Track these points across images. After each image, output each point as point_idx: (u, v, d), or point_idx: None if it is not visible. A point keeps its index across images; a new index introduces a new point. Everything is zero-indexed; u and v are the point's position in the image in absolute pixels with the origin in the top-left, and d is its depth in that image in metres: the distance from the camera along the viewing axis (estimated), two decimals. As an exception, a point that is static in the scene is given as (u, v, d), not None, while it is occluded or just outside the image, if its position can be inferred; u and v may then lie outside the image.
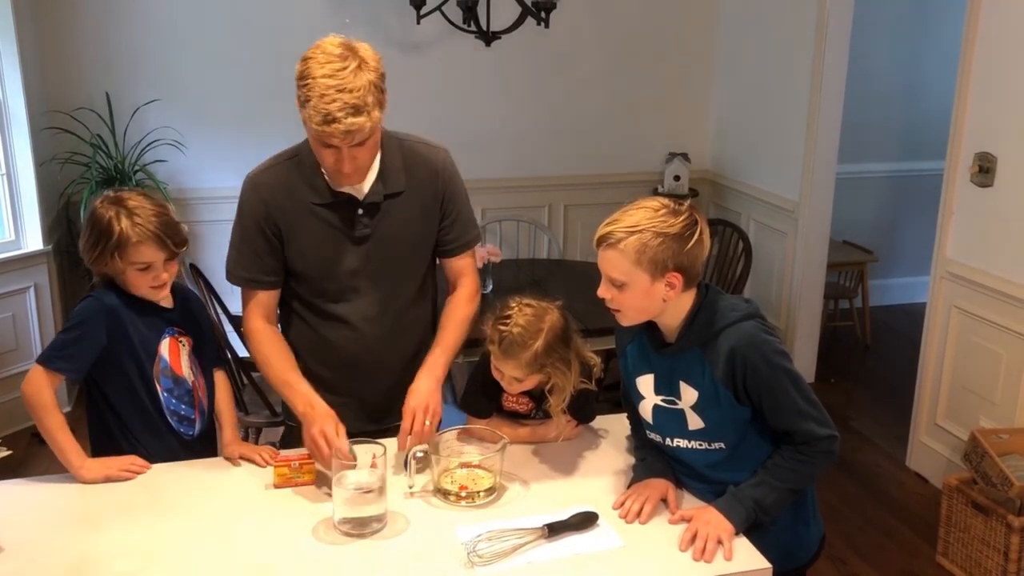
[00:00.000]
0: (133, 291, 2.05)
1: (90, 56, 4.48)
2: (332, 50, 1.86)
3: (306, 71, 1.85)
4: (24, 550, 1.71)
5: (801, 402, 1.79)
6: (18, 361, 4.14)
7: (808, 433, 1.79)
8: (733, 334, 1.78)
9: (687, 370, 1.84)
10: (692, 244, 1.76)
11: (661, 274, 1.75)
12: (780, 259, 4.89)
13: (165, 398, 2.09)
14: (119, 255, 1.98)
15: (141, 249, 1.99)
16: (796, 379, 1.80)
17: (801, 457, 1.81)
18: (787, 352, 1.83)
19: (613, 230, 1.76)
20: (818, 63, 4.43)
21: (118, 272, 2.02)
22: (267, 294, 2.11)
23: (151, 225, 1.99)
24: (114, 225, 1.98)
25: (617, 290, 1.79)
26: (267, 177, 2.06)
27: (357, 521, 1.77)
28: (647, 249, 1.73)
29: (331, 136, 1.84)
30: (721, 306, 1.82)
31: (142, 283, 2.04)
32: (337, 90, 1.81)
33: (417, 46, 4.80)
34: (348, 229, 2.07)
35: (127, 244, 1.98)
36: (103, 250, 1.99)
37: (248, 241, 2.08)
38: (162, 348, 2.09)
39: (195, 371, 2.16)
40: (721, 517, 1.78)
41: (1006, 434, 3.18)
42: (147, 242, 1.99)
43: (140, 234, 1.98)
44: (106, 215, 1.99)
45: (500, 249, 3.95)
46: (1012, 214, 3.34)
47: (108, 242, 1.98)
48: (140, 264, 2.00)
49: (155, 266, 2.02)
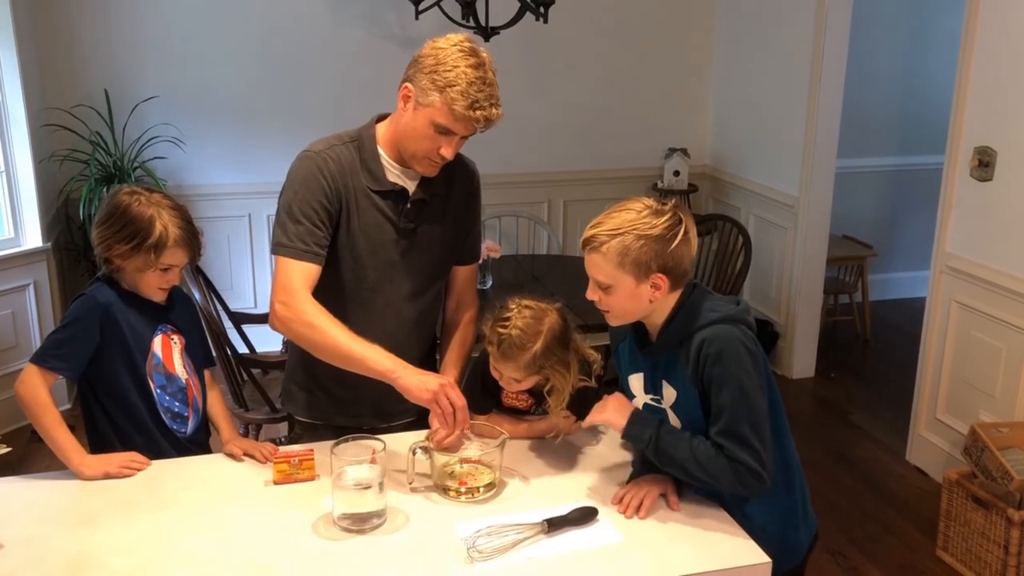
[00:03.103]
0: (141, 289, 2.04)
1: (89, 53, 4.47)
2: (466, 45, 1.96)
3: (445, 58, 1.93)
4: (23, 547, 1.71)
5: (742, 427, 1.73)
6: (18, 358, 4.14)
7: (732, 453, 1.74)
8: (706, 333, 1.76)
9: (667, 370, 1.84)
10: (676, 244, 1.75)
11: (645, 276, 1.75)
12: (780, 254, 4.89)
13: (158, 395, 2.09)
14: (155, 254, 1.97)
15: (176, 252, 1.99)
16: (750, 406, 1.73)
17: (720, 457, 1.75)
18: (755, 374, 1.75)
19: (596, 233, 1.77)
20: (817, 58, 4.43)
21: (138, 268, 2.00)
22: (317, 269, 2.04)
23: (184, 230, 2.00)
24: (156, 224, 1.96)
25: (604, 292, 1.80)
26: (332, 154, 2.08)
27: (357, 517, 1.77)
28: (629, 252, 1.73)
29: (471, 121, 1.93)
30: (702, 307, 1.80)
31: (155, 283, 2.03)
32: (482, 82, 1.93)
33: (415, 41, 4.73)
34: (396, 220, 2.11)
35: (165, 245, 1.97)
36: (137, 245, 1.96)
37: (309, 215, 2.03)
38: (155, 344, 2.09)
39: (188, 369, 2.16)
40: (623, 415, 1.84)
41: (1006, 428, 3.18)
42: (182, 246, 2.00)
43: (176, 237, 1.98)
44: (146, 213, 1.97)
45: (499, 245, 3.95)
46: (1012, 208, 3.33)
47: (146, 240, 1.96)
48: (166, 265, 2.00)
49: (176, 268, 2.03)
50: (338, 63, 4.75)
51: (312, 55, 4.72)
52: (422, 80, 1.94)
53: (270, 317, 2.02)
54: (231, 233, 4.83)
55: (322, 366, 2.05)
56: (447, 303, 2.33)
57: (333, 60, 4.75)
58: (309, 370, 2.22)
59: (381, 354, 1.95)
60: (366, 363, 1.95)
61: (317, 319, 1.97)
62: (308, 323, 1.98)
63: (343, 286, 2.13)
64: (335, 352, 1.98)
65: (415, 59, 1.99)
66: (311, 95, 4.72)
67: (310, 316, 1.98)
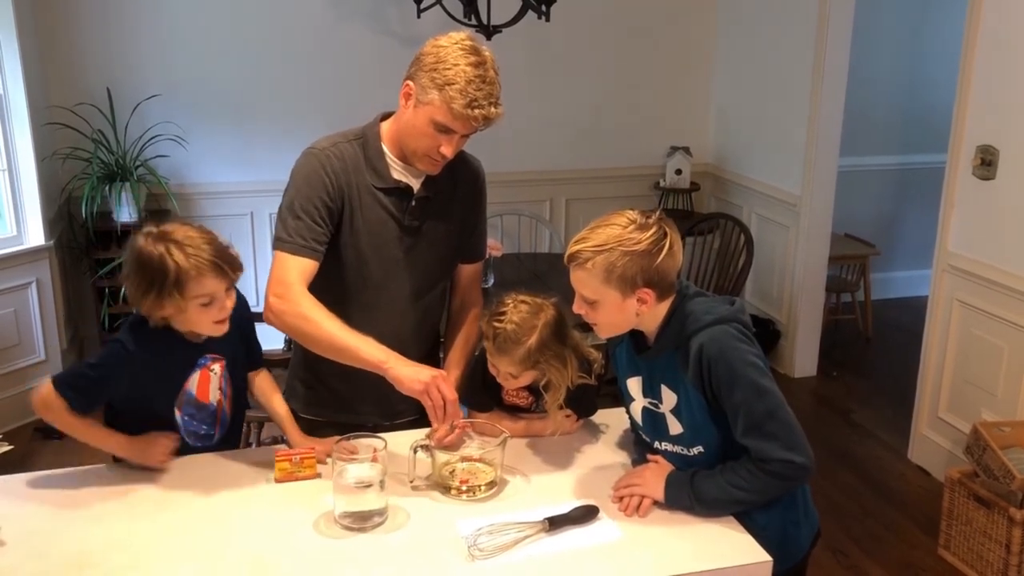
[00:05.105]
0: (195, 329, 1.93)
1: (91, 51, 4.47)
2: (466, 43, 1.96)
3: (444, 56, 1.93)
4: (25, 544, 1.72)
5: (762, 418, 1.73)
6: (21, 356, 4.15)
7: (761, 451, 1.75)
8: (702, 337, 1.75)
9: (665, 374, 1.84)
10: (661, 259, 1.74)
11: (631, 291, 1.75)
12: (782, 253, 4.88)
13: (185, 422, 2.02)
14: (179, 292, 1.83)
15: (203, 282, 1.85)
16: (763, 394, 1.74)
17: (754, 470, 1.76)
18: (760, 365, 1.76)
19: (581, 249, 1.76)
20: (820, 56, 4.42)
21: (177, 312, 1.87)
22: (314, 265, 2.04)
23: (205, 254, 1.85)
24: (167, 261, 1.82)
25: (590, 307, 1.80)
26: (336, 152, 2.08)
27: (358, 515, 1.77)
28: (615, 268, 1.73)
29: (469, 120, 1.93)
30: (696, 310, 1.79)
31: (205, 320, 1.90)
32: (481, 80, 1.92)
33: (417, 39, 4.72)
34: (400, 217, 2.11)
35: (186, 279, 1.83)
36: (160, 291, 1.83)
37: (309, 212, 2.03)
38: (189, 383, 1.99)
39: (225, 389, 2.06)
40: (660, 484, 1.82)
41: (1008, 427, 3.18)
42: (207, 273, 1.85)
43: (197, 265, 1.83)
44: (155, 252, 1.83)
45: (501, 243, 3.95)
46: (1014, 207, 3.33)
47: (165, 281, 1.82)
48: (203, 298, 1.86)
49: (218, 297, 1.89)
50: (340, 61, 4.75)
51: (314, 53, 4.72)
52: (422, 78, 1.95)
53: (264, 310, 2.00)
54: (233, 231, 4.81)
55: (325, 363, 2.05)
56: (451, 301, 2.33)
57: (335, 58, 4.75)
58: (312, 367, 2.22)
59: (374, 345, 1.94)
60: (359, 354, 1.94)
61: (311, 311, 1.96)
62: (302, 315, 1.97)
63: (347, 284, 2.13)
64: (328, 344, 1.97)
65: (417, 57, 1.99)
66: (313, 93, 4.72)
67: (304, 309, 1.97)
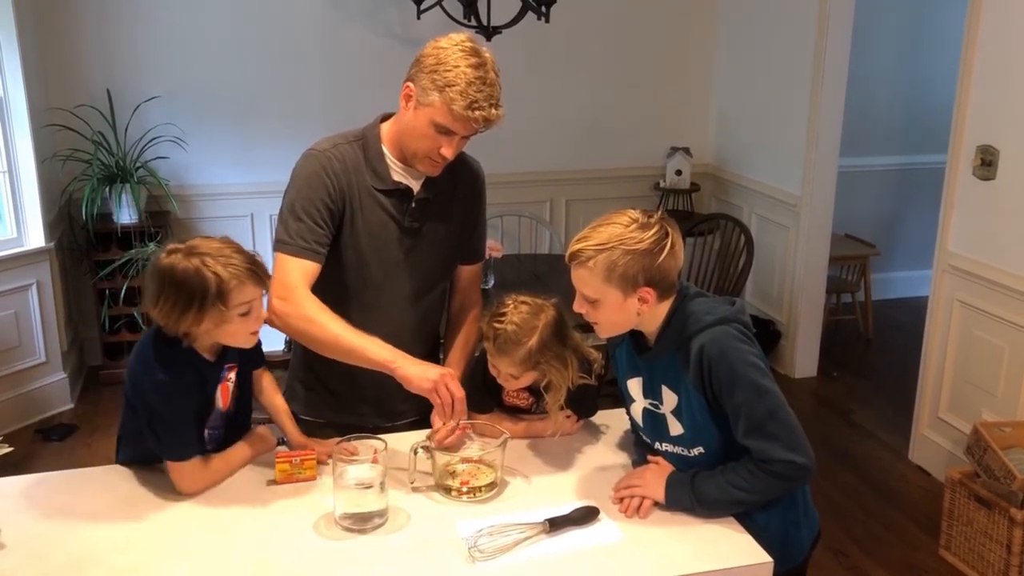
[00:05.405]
0: (231, 342, 1.89)
1: (91, 53, 4.48)
2: (467, 45, 1.96)
3: (445, 57, 1.93)
4: (25, 546, 1.71)
5: (763, 419, 1.73)
6: (21, 358, 4.15)
7: (762, 452, 1.74)
8: (703, 338, 1.75)
9: (666, 375, 1.83)
10: (663, 258, 1.74)
11: (632, 290, 1.75)
12: (782, 253, 4.88)
13: (207, 434, 1.99)
14: (223, 303, 1.79)
15: (244, 290, 1.82)
16: (764, 394, 1.73)
17: (755, 471, 1.76)
18: (761, 365, 1.76)
19: (583, 248, 1.76)
20: (820, 56, 4.42)
21: (217, 325, 1.82)
22: (316, 267, 2.04)
23: (239, 262, 1.82)
24: (206, 274, 1.78)
25: (591, 306, 1.80)
26: (336, 153, 2.08)
27: (358, 516, 1.77)
28: (616, 267, 1.73)
29: (469, 121, 1.93)
30: (696, 310, 1.79)
31: (244, 331, 1.87)
32: (482, 82, 1.92)
33: (417, 40, 4.73)
34: (400, 219, 2.11)
35: (228, 289, 1.79)
36: (202, 305, 1.78)
37: (311, 213, 2.03)
38: (217, 400, 1.96)
39: (234, 392, 2.04)
40: (660, 485, 1.82)
41: (1008, 427, 3.18)
42: (246, 281, 1.82)
43: (237, 275, 1.81)
44: (191, 267, 1.78)
45: (501, 244, 3.95)
46: (1014, 207, 3.33)
47: (207, 294, 1.77)
48: (243, 307, 1.82)
49: (255, 305, 1.85)
50: (340, 63, 4.75)
51: (314, 54, 4.73)
52: (423, 80, 1.95)
53: (268, 313, 1.99)
54: (233, 233, 4.72)
55: (326, 364, 2.05)
56: (451, 302, 2.33)
57: (335, 60, 4.75)
58: (313, 368, 2.22)
59: (380, 345, 1.95)
60: (365, 354, 1.94)
61: (315, 313, 1.97)
62: (306, 317, 1.97)
63: (347, 285, 2.13)
64: (334, 345, 1.97)
65: (417, 59, 1.99)
66: (313, 94, 4.72)
67: (308, 311, 1.97)
